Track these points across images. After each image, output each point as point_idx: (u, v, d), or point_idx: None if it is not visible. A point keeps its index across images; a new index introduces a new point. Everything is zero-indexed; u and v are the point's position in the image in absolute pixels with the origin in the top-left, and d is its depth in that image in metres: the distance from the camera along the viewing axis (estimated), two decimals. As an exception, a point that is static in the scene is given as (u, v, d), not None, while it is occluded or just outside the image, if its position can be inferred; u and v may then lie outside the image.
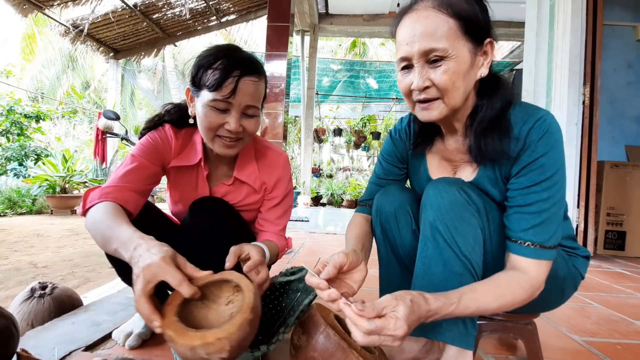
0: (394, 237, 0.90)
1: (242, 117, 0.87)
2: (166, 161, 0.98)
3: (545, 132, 0.69)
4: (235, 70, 0.82)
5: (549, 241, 0.69)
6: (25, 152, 5.52)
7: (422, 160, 0.92)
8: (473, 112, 0.76)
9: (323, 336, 0.69)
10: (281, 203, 1.07)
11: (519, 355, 1.05)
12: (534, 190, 0.70)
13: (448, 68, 0.67)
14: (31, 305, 1.12)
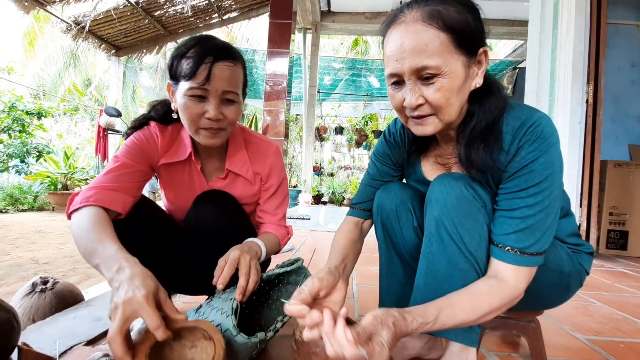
0: (395, 234, 0.89)
1: (221, 105, 0.85)
2: (154, 160, 0.96)
3: (537, 138, 0.66)
4: (208, 57, 0.81)
5: (532, 247, 0.67)
6: (27, 149, 5.53)
7: (416, 163, 0.91)
8: (466, 119, 0.74)
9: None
10: (277, 192, 1.07)
11: (522, 352, 1.04)
12: (519, 196, 0.67)
13: (442, 85, 0.64)
14: (32, 300, 1.11)
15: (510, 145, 0.68)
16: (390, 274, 0.93)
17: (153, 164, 0.96)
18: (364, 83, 8.51)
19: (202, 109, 0.84)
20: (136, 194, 0.91)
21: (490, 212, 0.72)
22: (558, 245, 0.79)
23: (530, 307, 0.86)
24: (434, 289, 0.73)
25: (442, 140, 0.83)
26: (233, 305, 0.74)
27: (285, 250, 2.42)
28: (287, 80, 3.65)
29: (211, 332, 0.68)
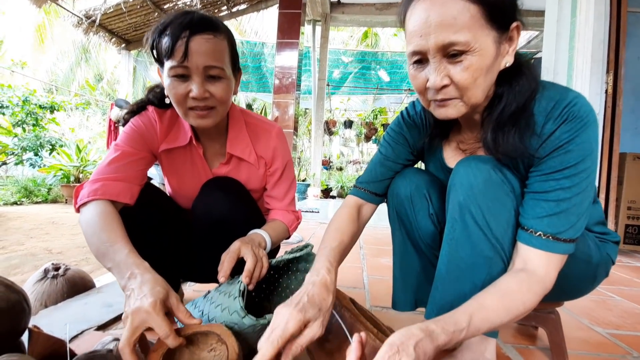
0: (410, 222, 0.86)
1: (206, 82, 0.79)
2: (154, 146, 0.93)
3: (574, 118, 0.61)
4: (184, 31, 0.75)
5: (565, 233, 0.62)
6: (41, 142, 5.60)
7: (438, 149, 0.86)
8: (492, 101, 0.68)
9: (338, 318, 0.67)
10: (283, 176, 1.03)
11: (539, 345, 1.01)
12: (554, 177, 0.62)
13: (470, 64, 0.58)
14: (44, 286, 1.12)
15: (544, 127, 0.63)
16: (404, 264, 0.90)
17: (154, 150, 0.93)
18: (373, 76, 8.42)
19: (187, 88, 0.79)
20: (142, 181, 0.89)
21: (519, 197, 0.67)
22: (586, 234, 0.75)
23: (554, 298, 0.82)
24: (457, 277, 0.69)
25: (465, 125, 0.78)
26: (240, 287, 0.73)
27: (294, 242, 2.41)
28: (296, 73, 3.62)
29: (224, 336, 0.67)
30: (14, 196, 5.17)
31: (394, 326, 0.85)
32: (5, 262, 2.40)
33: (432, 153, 0.88)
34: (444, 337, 0.54)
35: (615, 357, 0.97)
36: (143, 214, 0.92)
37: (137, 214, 0.91)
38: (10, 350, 0.59)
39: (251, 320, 0.69)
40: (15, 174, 6.63)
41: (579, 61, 2.77)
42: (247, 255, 0.79)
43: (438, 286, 0.73)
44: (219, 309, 0.74)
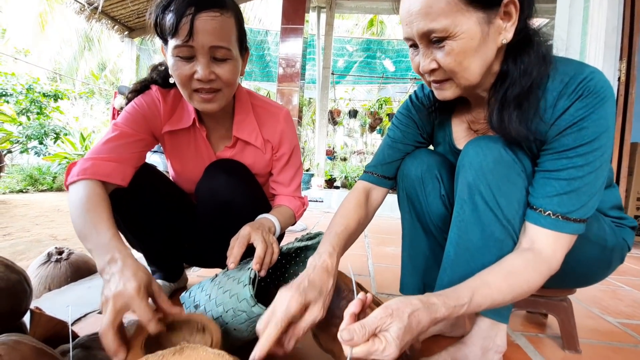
0: (420, 203, 0.83)
1: (212, 63, 0.75)
2: (156, 128, 0.90)
3: (590, 93, 0.58)
4: (189, 8, 0.70)
5: (575, 213, 0.60)
6: (45, 131, 5.61)
7: (447, 128, 0.84)
8: (499, 80, 0.66)
9: (346, 302, 0.65)
10: (290, 161, 1.00)
11: (549, 333, 0.99)
12: (567, 156, 0.60)
13: (452, 49, 0.59)
14: (48, 270, 1.11)
15: (557, 103, 0.60)
16: (413, 247, 0.88)
17: (155, 132, 0.90)
18: (378, 65, 8.30)
19: (191, 69, 0.74)
20: (137, 163, 0.85)
21: (530, 177, 0.65)
22: (601, 218, 0.72)
23: (567, 285, 0.80)
24: (466, 260, 0.67)
25: (474, 103, 0.75)
26: (250, 275, 0.71)
27: (298, 230, 2.39)
28: (301, 61, 3.56)
29: (205, 322, 0.65)
30: (19, 184, 5.20)
31: (402, 312, 0.84)
32: (11, 248, 2.41)
33: (441, 135, 0.85)
34: (444, 311, 0.54)
35: (627, 346, 0.95)
36: (146, 197, 0.91)
37: (139, 197, 0.89)
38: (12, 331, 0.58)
39: (260, 309, 0.67)
40: (21, 162, 6.66)
41: (591, 47, 2.70)
42: (257, 241, 0.75)
43: (446, 269, 0.71)
44: (227, 294, 0.72)
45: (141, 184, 0.89)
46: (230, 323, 0.70)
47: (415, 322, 0.51)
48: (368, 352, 0.49)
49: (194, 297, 0.77)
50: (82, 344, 0.58)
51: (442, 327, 0.89)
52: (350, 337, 0.49)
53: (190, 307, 0.77)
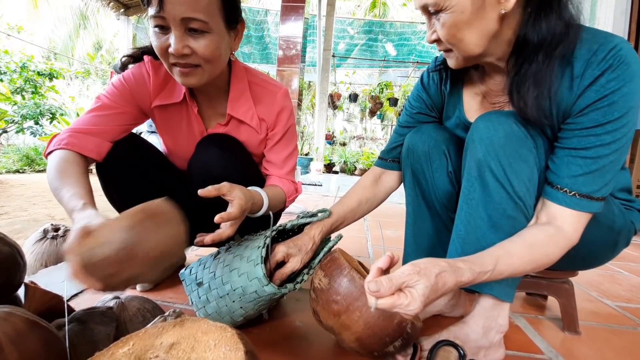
0: (426, 180, 0.81)
1: (187, 36, 0.69)
2: (144, 102, 0.86)
3: (621, 64, 0.55)
4: None
5: (599, 192, 0.59)
6: (41, 111, 5.51)
7: (457, 101, 0.80)
8: (517, 49, 0.62)
9: (347, 279, 0.64)
10: (283, 139, 0.94)
11: (548, 315, 0.99)
12: (595, 133, 0.57)
13: (445, 21, 0.60)
14: (44, 246, 1.10)
15: (584, 73, 0.57)
16: (417, 226, 0.86)
17: (144, 107, 0.87)
18: (380, 49, 8.15)
19: (167, 41, 0.69)
20: (116, 137, 0.82)
21: (542, 155, 0.64)
22: (610, 200, 0.70)
23: (571, 266, 0.79)
24: (477, 238, 0.66)
25: (490, 72, 0.72)
26: (262, 253, 0.69)
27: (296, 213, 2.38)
28: (301, 43, 3.47)
29: None
30: (15, 164, 5.16)
31: (402, 292, 0.83)
32: (9, 227, 2.39)
33: (451, 108, 0.82)
34: (469, 275, 0.54)
35: (626, 328, 0.95)
36: (139, 173, 0.88)
37: (133, 173, 0.87)
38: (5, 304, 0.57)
39: (273, 289, 0.66)
40: (17, 143, 6.59)
41: (599, 31, 2.65)
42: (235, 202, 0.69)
43: (457, 247, 0.69)
44: (235, 273, 0.70)
45: (135, 159, 0.86)
46: (238, 301, 0.69)
47: (441, 283, 0.51)
48: (392, 304, 0.49)
49: (195, 274, 0.76)
50: (78, 318, 0.57)
51: (443, 307, 0.89)
52: (377, 289, 0.49)
53: (191, 284, 0.75)
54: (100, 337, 0.54)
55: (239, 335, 0.40)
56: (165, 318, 0.56)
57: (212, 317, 0.72)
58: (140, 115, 0.88)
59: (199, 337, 0.40)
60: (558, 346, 0.82)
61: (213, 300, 0.71)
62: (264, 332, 0.78)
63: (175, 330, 0.41)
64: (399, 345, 0.64)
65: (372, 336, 0.62)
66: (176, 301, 0.89)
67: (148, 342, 0.40)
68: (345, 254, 0.77)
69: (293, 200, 0.99)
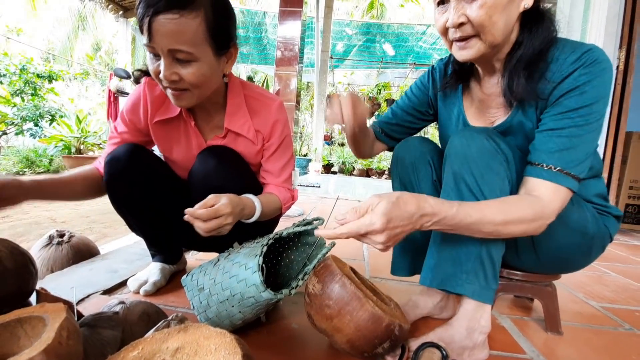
0: (413, 188, 0.86)
1: (175, 63, 0.74)
2: (142, 124, 0.96)
3: (592, 62, 0.65)
4: (148, 9, 0.69)
5: (574, 169, 0.66)
6: (40, 113, 5.55)
7: (457, 104, 0.86)
8: (514, 49, 0.71)
9: (339, 285, 0.68)
10: (279, 149, 0.99)
11: (534, 316, 1.04)
12: (569, 116, 0.66)
13: (485, 2, 0.63)
14: (50, 252, 1.14)
15: (562, 67, 0.66)
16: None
17: (144, 127, 0.96)
18: (378, 49, 8.19)
19: (159, 67, 0.75)
20: None
21: (512, 168, 0.70)
22: (584, 205, 0.75)
23: (549, 269, 0.84)
24: (452, 245, 0.71)
25: (485, 74, 0.79)
26: (259, 261, 0.73)
27: (295, 215, 2.42)
28: (299, 44, 3.50)
29: None
30: (15, 166, 5.18)
31: (393, 295, 0.88)
32: (11, 230, 2.43)
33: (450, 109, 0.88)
34: (432, 203, 0.60)
35: (607, 328, 1.00)
36: (143, 183, 0.93)
37: (137, 182, 0.91)
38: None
39: (270, 295, 0.70)
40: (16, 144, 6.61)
41: (592, 35, 2.68)
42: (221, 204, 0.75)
43: (434, 252, 0.75)
44: (234, 280, 0.74)
45: (140, 170, 0.91)
46: (237, 306, 0.73)
47: (402, 202, 0.58)
48: (358, 227, 0.56)
49: (196, 280, 0.80)
50: (87, 322, 0.61)
51: (432, 310, 0.93)
52: (343, 217, 0.57)
53: (193, 289, 0.80)
54: (108, 340, 0.58)
55: (237, 340, 0.45)
56: (169, 322, 0.60)
57: (212, 320, 0.76)
58: (143, 136, 0.98)
59: (201, 342, 0.45)
60: (540, 346, 0.86)
61: (213, 305, 0.76)
62: (262, 334, 0.83)
63: (179, 335, 0.46)
64: (387, 347, 0.68)
65: (362, 338, 0.66)
66: (178, 305, 0.94)
67: (155, 347, 0.45)
68: (339, 260, 0.81)
69: (289, 207, 1.03)
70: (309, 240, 0.97)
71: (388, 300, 0.81)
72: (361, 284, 0.73)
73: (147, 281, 1.00)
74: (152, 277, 1.01)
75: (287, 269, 1.00)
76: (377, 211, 0.56)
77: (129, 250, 1.33)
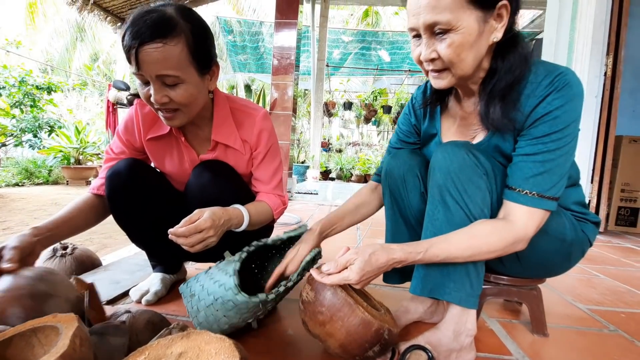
0: (402, 200, 0.91)
1: (164, 87, 0.81)
2: (137, 142, 1.01)
3: (564, 86, 0.68)
4: (134, 41, 0.75)
5: (549, 191, 0.70)
6: (39, 124, 5.59)
7: (436, 126, 0.91)
8: (488, 76, 0.75)
9: (330, 293, 0.72)
10: (267, 157, 1.04)
11: (523, 319, 1.08)
12: (543, 141, 0.70)
13: (452, 41, 0.66)
14: (54, 264, 1.18)
15: (536, 91, 0.70)
16: (395, 239, 0.95)
17: (138, 147, 1.03)
18: (374, 56, 8.30)
19: (149, 92, 0.81)
20: None
21: (492, 180, 0.74)
22: (562, 213, 0.80)
23: (531, 274, 0.89)
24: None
25: (464, 95, 0.83)
26: (236, 267, 0.78)
27: (292, 223, 2.46)
28: (295, 53, 3.58)
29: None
30: (15, 177, 5.21)
31: (386, 300, 0.92)
32: (12, 242, 2.46)
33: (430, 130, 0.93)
34: (400, 254, 0.70)
35: (592, 330, 1.04)
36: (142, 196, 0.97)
37: (136, 196, 0.95)
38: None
39: (244, 297, 0.75)
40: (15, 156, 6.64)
41: (579, 42, 2.75)
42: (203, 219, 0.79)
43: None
44: (217, 284, 0.79)
45: (140, 184, 0.95)
46: (220, 310, 0.78)
47: (374, 259, 0.69)
48: (339, 280, 0.69)
49: (190, 288, 0.84)
50: (97, 331, 0.64)
51: (422, 314, 0.97)
52: (328, 268, 0.71)
53: (187, 296, 0.84)
54: (117, 347, 0.62)
55: (235, 344, 0.49)
56: (170, 330, 0.64)
57: (202, 325, 0.80)
58: (140, 154, 1.04)
59: (202, 346, 0.49)
60: (526, 348, 0.90)
61: (202, 310, 0.80)
62: (259, 340, 0.86)
63: (182, 341, 0.50)
64: (377, 350, 0.72)
65: (353, 342, 0.70)
66: (178, 314, 0.97)
67: (160, 352, 0.49)
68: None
69: (281, 213, 1.08)
70: None
71: (379, 306, 0.85)
72: (352, 291, 0.78)
73: (149, 291, 1.04)
74: (154, 287, 1.05)
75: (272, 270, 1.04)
76: (354, 269, 0.69)
77: (129, 261, 1.37)
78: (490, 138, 0.79)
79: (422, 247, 0.71)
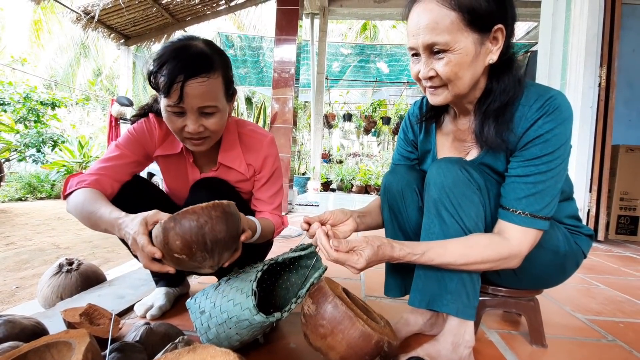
0: (401, 214, 0.93)
1: (200, 117, 0.86)
2: (150, 151, 1.03)
3: (555, 110, 0.71)
4: (179, 75, 0.79)
5: (541, 211, 0.73)
6: (43, 139, 5.66)
7: (431, 142, 0.95)
8: (483, 96, 0.79)
9: (331, 306, 0.74)
10: (270, 180, 1.09)
11: (522, 330, 1.09)
12: (534, 163, 0.73)
13: (449, 60, 0.70)
14: (60, 280, 1.20)
15: (527, 114, 0.73)
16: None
17: (150, 154, 1.04)
18: (372, 69, 8.41)
19: (182, 123, 0.86)
20: (124, 180, 0.98)
21: (485, 194, 0.77)
22: (555, 227, 0.82)
23: (527, 286, 0.91)
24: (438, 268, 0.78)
25: (460, 113, 0.87)
26: (253, 287, 0.80)
27: (294, 236, 2.48)
28: (295, 67, 3.65)
29: None
30: (18, 192, 5.25)
31: (385, 314, 0.93)
32: (16, 257, 2.48)
33: (426, 147, 0.97)
34: (400, 252, 0.74)
35: (590, 340, 1.05)
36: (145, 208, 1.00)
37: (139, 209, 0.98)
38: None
39: (262, 318, 0.76)
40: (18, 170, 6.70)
41: (573, 55, 2.81)
42: None
43: (420, 275, 0.81)
44: (231, 303, 0.81)
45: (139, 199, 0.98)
46: (234, 328, 0.79)
47: (380, 252, 0.72)
48: (346, 259, 0.71)
49: (199, 304, 0.86)
50: (117, 348, 0.66)
51: (422, 326, 0.99)
52: (338, 244, 0.71)
53: (196, 312, 0.85)
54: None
55: (240, 358, 0.51)
56: (176, 345, 0.66)
57: (212, 341, 0.82)
58: (146, 162, 1.04)
59: None
60: (525, 359, 0.91)
61: (213, 327, 0.81)
62: (262, 354, 0.88)
63: (189, 355, 0.52)
64: (378, 362, 0.74)
65: (353, 355, 0.72)
66: (183, 328, 0.99)
67: (168, 366, 0.51)
68: (331, 282, 0.87)
69: (280, 232, 1.13)
70: (307, 263, 1.03)
71: (379, 319, 0.86)
72: (352, 304, 0.79)
73: (153, 305, 1.05)
74: (158, 302, 1.07)
75: (286, 291, 1.06)
76: (363, 256, 0.71)
77: (133, 276, 1.39)
78: (483, 156, 0.82)
79: (420, 249, 0.74)
